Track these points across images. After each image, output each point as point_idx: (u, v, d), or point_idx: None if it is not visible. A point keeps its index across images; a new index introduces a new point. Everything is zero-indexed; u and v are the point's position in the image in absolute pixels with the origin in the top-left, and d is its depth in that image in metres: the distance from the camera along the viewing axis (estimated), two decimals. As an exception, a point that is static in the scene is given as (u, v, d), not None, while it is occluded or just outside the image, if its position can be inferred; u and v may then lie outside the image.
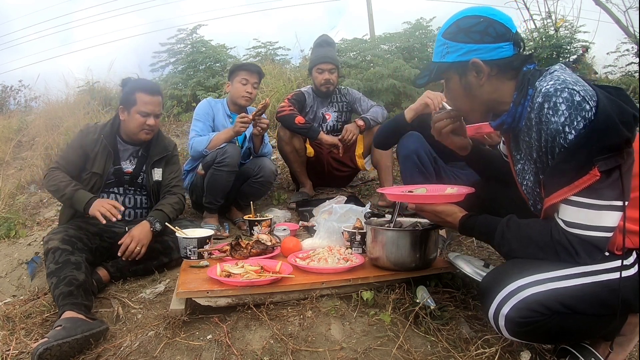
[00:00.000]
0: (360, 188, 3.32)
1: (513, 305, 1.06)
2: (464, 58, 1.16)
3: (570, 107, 1.00)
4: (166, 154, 2.26)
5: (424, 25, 5.34)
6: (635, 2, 5.16)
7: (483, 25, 1.14)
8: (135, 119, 2.09)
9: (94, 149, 2.09)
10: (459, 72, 1.19)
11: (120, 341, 1.46)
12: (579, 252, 1.04)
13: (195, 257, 1.88)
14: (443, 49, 1.20)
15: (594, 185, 0.99)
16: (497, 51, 1.14)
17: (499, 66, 1.15)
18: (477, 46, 1.14)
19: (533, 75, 1.14)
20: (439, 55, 1.22)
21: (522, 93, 1.13)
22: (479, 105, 1.24)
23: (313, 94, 3.12)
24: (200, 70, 5.69)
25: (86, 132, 2.14)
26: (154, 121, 2.12)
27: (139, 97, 2.08)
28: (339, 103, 3.15)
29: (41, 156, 4.07)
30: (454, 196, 1.39)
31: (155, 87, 2.19)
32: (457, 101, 1.28)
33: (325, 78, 3.01)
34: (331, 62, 3.02)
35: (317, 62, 3.04)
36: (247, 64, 2.88)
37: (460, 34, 1.16)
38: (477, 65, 1.14)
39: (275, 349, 1.33)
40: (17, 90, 7.15)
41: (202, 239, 1.89)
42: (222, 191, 2.57)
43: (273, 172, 2.74)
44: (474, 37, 1.14)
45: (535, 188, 1.19)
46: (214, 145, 2.54)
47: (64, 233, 1.85)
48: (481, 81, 1.17)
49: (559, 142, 1.02)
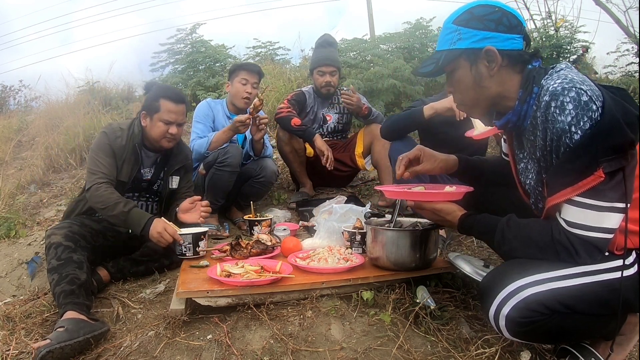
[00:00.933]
0: (360, 188, 3.32)
1: (513, 305, 1.06)
2: (478, 45, 1.14)
3: (577, 106, 0.99)
4: (186, 163, 2.24)
5: (424, 25, 5.35)
6: (635, 2, 5.16)
7: (498, 14, 1.13)
8: (157, 126, 2.01)
9: (122, 156, 2.00)
10: (471, 60, 1.17)
11: (120, 341, 1.46)
12: (579, 252, 1.04)
13: (190, 253, 1.87)
14: (454, 36, 1.17)
15: (597, 186, 0.98)
16: (510, 42, 1.13)
17: (510, 57, 1.14)
18: (491, 34, 1.13)
19: (538, 73, 1.13)
20: (449, 43, 1.19)
21: (527, 91, 1.12)
22: (485, 99, 1.21)
23: (314, 94, 3.10)
24: (200, 70, 5.70)
25: (113, 135, 2.01)
26: (176, 130, 2.04)
27: (163, 104, 2.00)
28: (340, 105, 3.12)
29: (41, 156, 4.08)
30: (453, 194, 1.38)
31: (180, 96, 2.09)
32: (463, 93, 1.24)
33: (326, 80, 2.99)
34: (332, 65, 2.99)
35: (317, 64, 3.01)
36: (247, 63, 2.88)
37: (475, 20, 1.14)
38: (491, 53, 1.13)
39: (275, 349, 1.33)
40: (17, 90, 7.17)
41: (197, 234, 1.88)
42: (223, 191, 2.57)
43: (274, 173, 2.75)
44: (489, 25, 1.13)
45: (537, 187, 1.19)
46: (215, 146, 2.54)
47: (68, 229, 1.83)
48: (492, 71, 1.15)
49: (564, 142, 1.02)
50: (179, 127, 2.07)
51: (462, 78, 1.21)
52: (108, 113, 4.84)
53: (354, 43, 5.57)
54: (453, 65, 1.21)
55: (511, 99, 1.17)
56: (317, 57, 3.05)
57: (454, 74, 1.23)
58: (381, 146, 2.74)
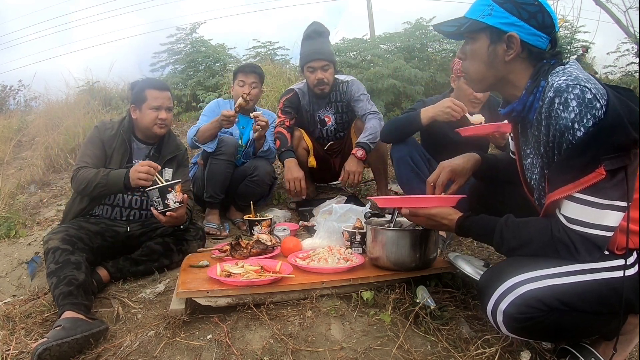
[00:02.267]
0: (360, 188, 3.32)
1: (510, 301, 1.06)
2: (505, 27, 1.14)
3: (581, 104, 1.00)
4: (177, 153, 2.27)
5: (424, 25, 5.34)
6: (635, 2, 5.17)
7: (535, 8, 1.13)
8: (147, 114, 2.11)
9: (111, 145, 2.10)
10: (492, 38, 1.17)
11: (120, 341, 1.46)
12: (579, 249, 1.05)
13: (161, 207, 1.87)
14: (485, 9, 1.17)
15: (598, 183, 0.99)
16: (535, 38, 1.14)
17: (529, 52, 1.15)
18: (522, 23, 1.13)
19: (549, 68, 1.13)
20: (478, 13, 1.18)
21: (535, 83, 1.13)
22: (491, 78, 1.22)
23: (308, 93, 2.74)
24: (200, 70, 5.70)
25: (103, 128, 2.14)
26: (165, 114, 2.14)
27: (148, 93, 2.12)
28: (337, 102, 2.78)
29: (41, 156, 4.07)
30: (448, 199, 1.37)
31: (163, 83, 2.23)
32: (474, 65, 1.24)
33: (318, 78, 2.61)
34: (323, 58, 2.58)
35: (307, 60, 2.61)
36: (244, 65, 2.87)
37: (511, 3, 1.14)
38: (512, 39, 1.13)
39: (275, 349, 1.33)
40: (17, 90, 7.17)
41: (164, 187, 1.88)
42: (221, 182, 2.58)
43: (268, 173, 2.70)
44: (523, 14, 1.13)
45: (541, 182, 1.19)
46: (202, 135, 2.52)
47: (65, 233, 1.85)
48: (508, 57, 1.15)
49: (567, 138, 1.02)
50: (168, 112, 2.17)
51: (477, 51, 1.21)
52: (108, 113, 4.84)
53: (354, 43, 5.57)
54: (474, 36, 1.21)
55: (518, 89, 1.18)
56: (306, 51, 2.63)
57: (471, 44, 1.23)
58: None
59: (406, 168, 2.13)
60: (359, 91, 2.74)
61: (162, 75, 6.00)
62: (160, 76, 6.00)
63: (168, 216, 1.88)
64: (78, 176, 1.98)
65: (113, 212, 2.13)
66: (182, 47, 5.98)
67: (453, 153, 1.55)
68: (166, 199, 1.87)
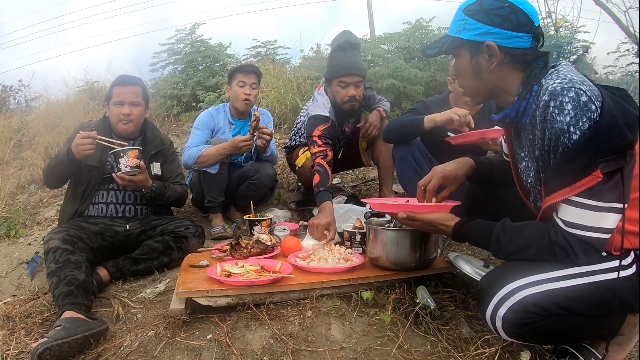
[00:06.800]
0: (360, 188, 3.32)
1: (509, 307, 1.06)
2: (480, 38, 1.14)
3: (576, 107, 0.99)
4: (162, 147, 2.28)
5: (424, 25, 5.34)
6: (635, 2, 5.17)
7: (507, 10, 1.12)
8: (112, 111, 2.17)
9: None
10: (472, 52, 1.18)
11: (120, 341, 1.46)
12: (576, 253, 1.04)
13: (116, 170, 1.98)
14: (460, 25, 1.18)
15: (595, 186, 0.98)
16: (514, 40, 1.13)
17: (512, 55, 1.14)
18: (495, 29, 1.13)
19: (540, 72, 1.13)
20: (455, 30, 1.20)
21: (527, 88, 1.13)
22: (484, 90, 1.23)
23: (334, 111, 2.47)
24: (200, 70, 5.69)
25: (80, 127, 2.17)
26: (128, 109, 2.15)
27: (114, 90, 2.17)
28: (356, 112, 2.67)
29: (41, 156, 4.08)
30: (442, 206, 1.36)
31: (129, 78, 2.23)
32: (465, 80, 1.26)
33: (350, 94, 2.38)
34: (358, 74, 2.37)
35: (339, 74, 2.38)
36: (243, 65, 2.82)
37: (481, 13, 1.14)
38: (491, 48, 1.13)
39: (275, 349, 1.33)
40: (17, 90, 7.18)
41: (117, 152, 1.98)
42: (218, 186, 2.56)
43: (270, 176, 2.67)
44: (495, 20, 1.13)
45: (536, 185, 1.19)
46: (207, 159, 2.42)
47: (65, 233, 1.85)
48: (491, 66, 1.16)
49: (562, 142, 1.02)
50: (133, 108, 2.18)
51: (463, 66, 1.23)
52: (108, 113, 4.84)
53: (354, 43, 5.55)
54: (456, 53, 1.23)
55: (511, 95, 1.18)
56: (338, 64, 2.40)
57: (457, 61, 1.25)
58: (381, 143, 2.56)
59: (408, 168, 2.13)
60: (371, 91, 2.75)
61: (162, 75, 6.00)
62: (160, 76, 6.00)
63: (119, 176, 1.97)
64: (46, 166, 2.10)
65: (108, 209, 2.14)
66: (182, 47, 5.98)
67: (453, 153, 1.55)
68: (119, 163, 1.97)
